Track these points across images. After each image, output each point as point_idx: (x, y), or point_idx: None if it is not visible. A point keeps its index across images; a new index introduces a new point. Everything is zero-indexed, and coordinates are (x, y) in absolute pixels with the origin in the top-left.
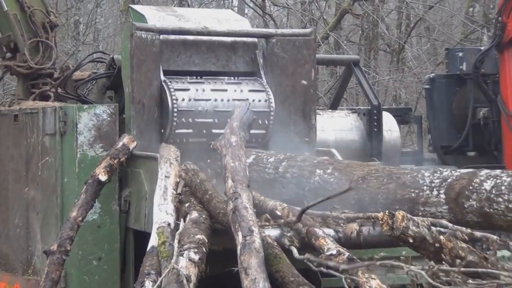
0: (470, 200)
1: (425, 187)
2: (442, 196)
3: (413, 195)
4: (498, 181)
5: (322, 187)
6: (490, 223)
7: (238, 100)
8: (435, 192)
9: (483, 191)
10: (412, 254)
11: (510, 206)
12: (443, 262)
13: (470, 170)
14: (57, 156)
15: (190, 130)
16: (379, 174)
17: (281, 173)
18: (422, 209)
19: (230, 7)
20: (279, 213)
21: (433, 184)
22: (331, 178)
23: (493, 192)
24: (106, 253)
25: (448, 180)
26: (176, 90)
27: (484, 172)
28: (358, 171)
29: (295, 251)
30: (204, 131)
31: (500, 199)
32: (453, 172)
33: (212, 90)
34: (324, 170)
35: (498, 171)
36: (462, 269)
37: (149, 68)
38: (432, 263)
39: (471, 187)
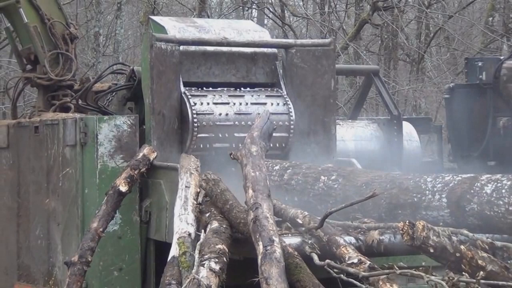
0: (471, 203)
1: (427, 192)
2: (444, 200)
3: (415, 199)
4: (499, 184)
5: (326, 193)
6: (491, 226)
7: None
8: (437, 196)
9: (484, 194)
10: (433, 264)
11: (510, 208)
12: (464, 272)
13: (472, 175)
14: (77, 167)
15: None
16: (382, 180)
17: (286, 180)
18: (424, 213)
19: (250, 17)
20: (300, 221)
21: (435, 189)
22: (335, 184)
23: (494, 195)
24: (127, 264)
25: (450, 185)
26: (195, 103)
27: (485, 176)
28: (362, 177)
29: (316, 257)
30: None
31: (501, 202)
32: (454, 177)
33: (232, 102)
34: (328, 177)
35: (499, 175)
36: (482, 281)
37: (169, 79)
38: (452, 273)
39: (472, 191)
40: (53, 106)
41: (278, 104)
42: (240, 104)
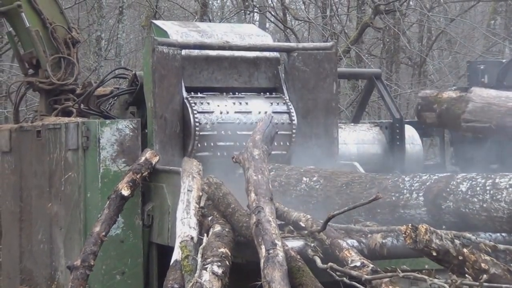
0: (447, 201)
1: (405, 191)
2: (421, 198)
3: (393, 198)
4: (474, 182)
5: (308, 194)
6: (466, 223)
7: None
8: (414, 195)
9: (460, 192)
10: (436, 267)
11: (484, 205)
12: (467, 275)
13: (448, 174)
14: (80, 172)
15: (211, 152)
16: (362, 180)
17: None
18: (402, 211)
19: (251, 21)
20: (303, 225)
21: (412, 188)
22: (317, 185)
23: (469, 193)
24: (129, 268)
25: (427, 184)
26: (198, 112)
27: (460, 175)
28: (343, 178)
29: (318, 260)
30: (225, 153)
31: (475, 200)
32: (431, 176)
33: (235, 111)
34: (310, 178)
35: (473, 174)
36: (485, 284)
37: (171, 83)
38: (455, 276)
39: (448, 189)
40: (55, 110)
41: (279, 106)
42: (245, 123)
